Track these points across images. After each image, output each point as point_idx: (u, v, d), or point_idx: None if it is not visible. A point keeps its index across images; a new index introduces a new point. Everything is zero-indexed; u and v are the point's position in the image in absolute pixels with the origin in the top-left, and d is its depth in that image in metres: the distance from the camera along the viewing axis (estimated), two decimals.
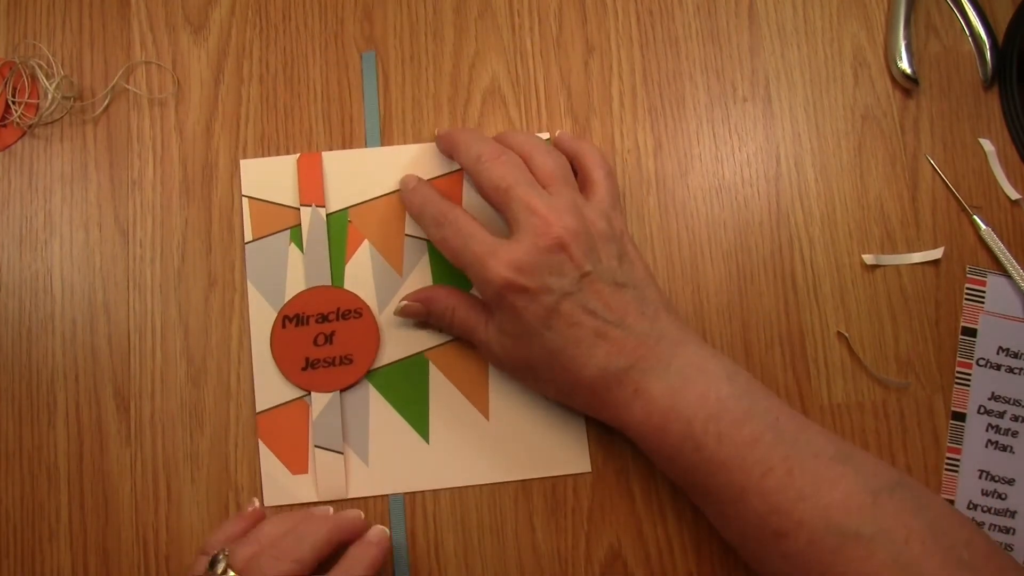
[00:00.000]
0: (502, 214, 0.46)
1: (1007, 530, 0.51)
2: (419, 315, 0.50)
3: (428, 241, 0.52)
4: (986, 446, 0.51)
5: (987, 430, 0.51)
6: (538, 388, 0.48)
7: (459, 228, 0.46)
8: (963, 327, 0.52)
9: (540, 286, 0.43)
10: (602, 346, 0.44)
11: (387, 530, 0.47)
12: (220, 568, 0.44)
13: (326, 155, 0.53)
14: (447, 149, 0.51)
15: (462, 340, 0.51)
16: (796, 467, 0.41)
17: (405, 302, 0.50)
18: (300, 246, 0.52)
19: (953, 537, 0.40)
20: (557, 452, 0.50)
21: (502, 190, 0.46)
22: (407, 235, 0.52)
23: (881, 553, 0.38)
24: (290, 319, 0.51)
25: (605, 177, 0.49)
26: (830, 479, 0.40)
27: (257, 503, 0.49)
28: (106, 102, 0.54)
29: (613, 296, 0.44)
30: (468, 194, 0.53)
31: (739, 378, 0.44)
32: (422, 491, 0.50)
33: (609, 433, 0.50)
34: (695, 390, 0.43)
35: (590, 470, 0.50)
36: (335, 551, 0.46)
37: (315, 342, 0.51)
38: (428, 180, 0.53)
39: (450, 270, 0.52)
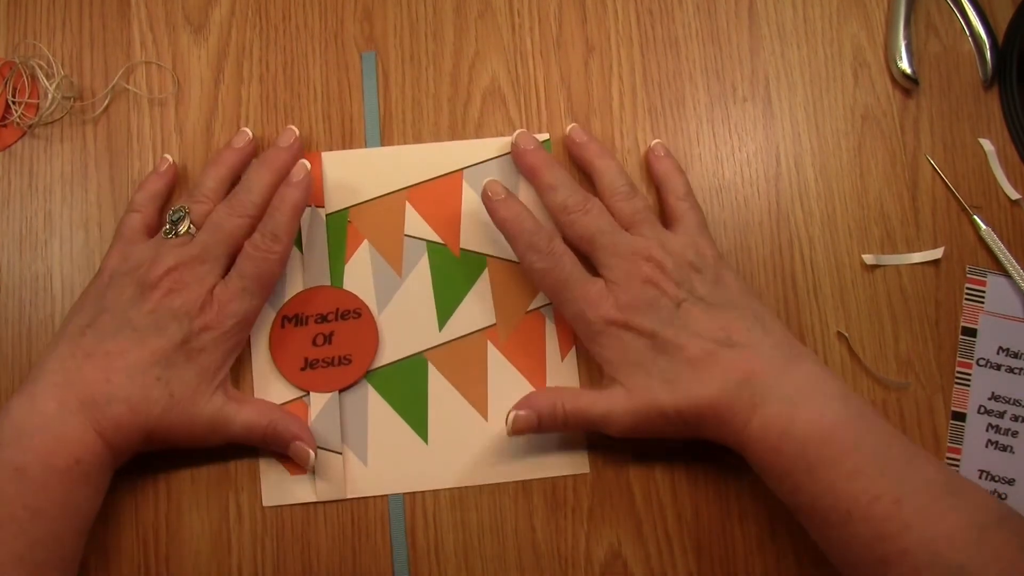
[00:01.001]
0: (590, 259, 0.49)
1: None
2: (531, 424, 0.47)
3: (427, 242, 0.52)
4: (986, 446, 0.51)
5: (987, 430, 0.51)
6: (667, 425, 0.46)
7: (562, 264, 0.48)
8: (963, 327, 0.52)
9: (640, 321, 0.46)
10: (717, 365, 0.45)
11: (307, 165, 0.50)
12: (184, 226, 0.48)
13: (326, 155, 0.53)
14: (525, 172, 0.52)
15: (463, 341, 0.51)
16: (905, 497, 0.41)
17: (515, 414, 0.47)
18: (299, 246, 0.52)
19: None
20: (556, 453, 0.50)
21: (587, 240, 0.48)
22: (406, 235, 0.52)
23: None
24: (289, 319, 0.51)
25: (690, 208, 0.50)
26: (938, 511, 0.41)
27: (169, 159, 0.52)
28: (106, 102, 0.54)
29: (715, 318, 0.46)
30: (468, 194, 0.53)
31: (852, 400, 0.45)
32: (422, 491, 0.50)
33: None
34: (810, 410, 0.44)
35: (588, 471, 0.50)
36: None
37: (314, 342, 0.51)
38: (427, 180, 0.53)
39: (449, 270, 0.52)
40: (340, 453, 0.50)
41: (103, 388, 0.44)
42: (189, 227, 0.48)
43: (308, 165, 0.50)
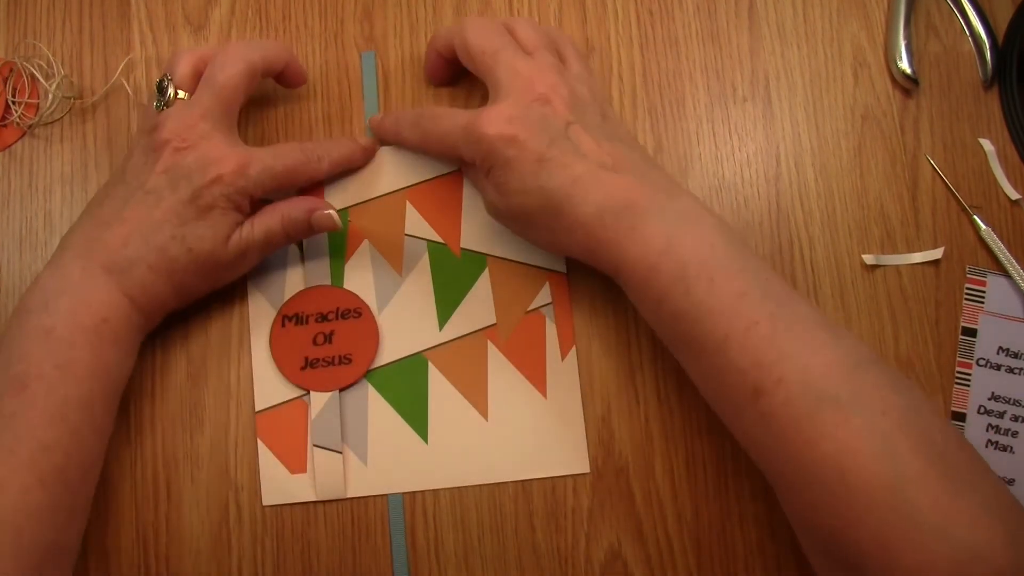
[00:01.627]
0: (486, 78, 0.48)
1: None
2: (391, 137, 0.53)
3: (428, 241, 0.52)
4: (986, 446, 0.51)
5: (987, 430, 0.51)
6: (535, 237, 0.48)
7: (435, 114, 0.49)
8: (963, 327, 0.52)
9: (529, 135, 0.45)
10: (598, 186, 0.44)
11: (377, 143, 0.53)
12: (171, 91, 0.48)
13: None
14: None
15: (463, 341, 0.51)
16: (781, 326, 0.40)
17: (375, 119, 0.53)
18: (300, 245, 0.52)
19: (928, 421, 0.39)
20: (556, 453, 0.50)
21: (489, 54, 0.48)
22: (407, 235, 0.52)
23: (856, 420, 0.38)
24: (289, 318, 0.51)
25: (579, 57, 0.51)
26: (813, 343, 0.40)
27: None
28: (105, 91, 0.54)
29: (603, 145, 0.45)
30: (468, 194, 0.53)
31: (734, 235, 0.44)
32: (422, 491, 0.50)
33: (609, 433, 0.50)
34: (691, 235, 0.43)
35: (588, 471, 0.50)
36: (279, 70, 0.51)
37: (314, 342, 0.51)
38: (428, 180, 0.53)
39: (449, 270, 0.52)
40: (340, 452, 0.50)
41: (121, 253, 0.45)
42: (176, 92, 0.48)
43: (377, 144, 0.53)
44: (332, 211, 0.49)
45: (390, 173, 0.53)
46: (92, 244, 0.45)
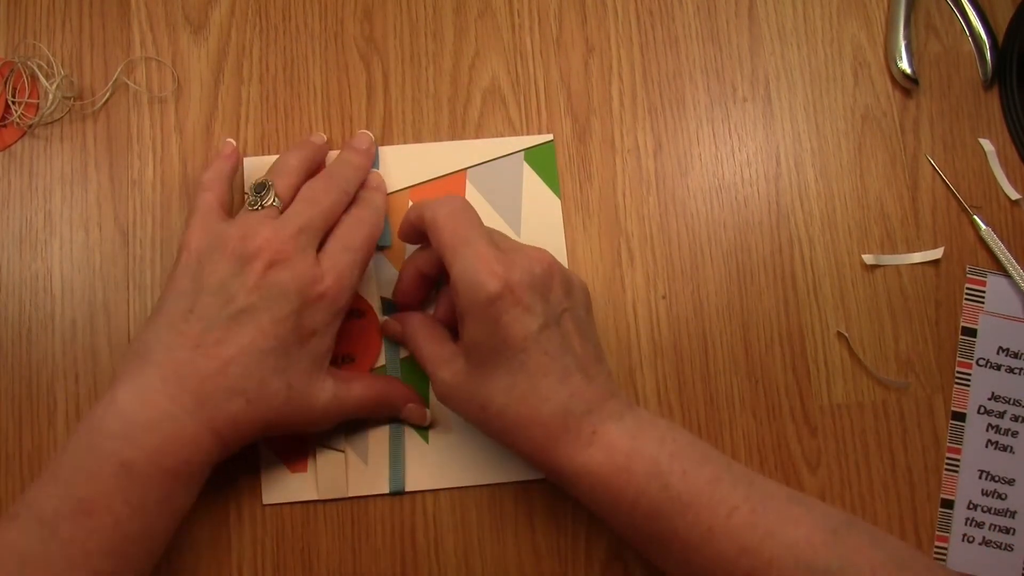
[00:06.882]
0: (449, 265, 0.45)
1: (1007, 530, 0.51)
2: (396, 338, 0.51)
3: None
4: (986, 446, 0.51)
5: (987, 430, 0.51)
6: (484, 421, 0.45)
7: (468, 219, 0.45)
8: (963, 327, 0.52)
9: (531, 304, 0.42)
10: (566, 385, 0.43)
11: (381, 176, 0.52)
12: (269, 198, 0.46)
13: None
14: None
15: None
16: (758, 506, 0.40)
17: (391, 323, 0.51)
18: None
19: (915, 568, 0.40)
20: None
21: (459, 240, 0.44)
22: None
23: None
24: None
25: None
26: (791, 517, 0.40)
27: (232, 142, 0.52)
28: (106, 96, 0.54)
29: (581, 342, 0.44)
30: (471, 194, 0.53)
31: (685, 430, 0.44)
32: (422, 491, 0.50)
33: None
34: (653, 434, 0.43)
35: None
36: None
37: None
38: (431, 180, 0.53)
39: None
40: (342, 451, 0.50)
41: (219, 381, 0.43)
42: (274, 199, 0.46)
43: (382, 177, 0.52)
44: (427, 411, 0.50)
45: (392, 173, 0.53)
46: (182, 368, 0.42)
